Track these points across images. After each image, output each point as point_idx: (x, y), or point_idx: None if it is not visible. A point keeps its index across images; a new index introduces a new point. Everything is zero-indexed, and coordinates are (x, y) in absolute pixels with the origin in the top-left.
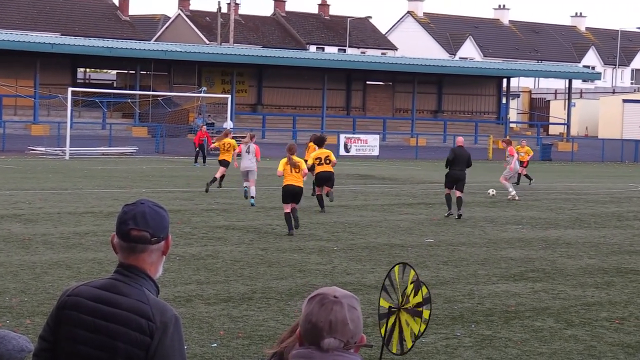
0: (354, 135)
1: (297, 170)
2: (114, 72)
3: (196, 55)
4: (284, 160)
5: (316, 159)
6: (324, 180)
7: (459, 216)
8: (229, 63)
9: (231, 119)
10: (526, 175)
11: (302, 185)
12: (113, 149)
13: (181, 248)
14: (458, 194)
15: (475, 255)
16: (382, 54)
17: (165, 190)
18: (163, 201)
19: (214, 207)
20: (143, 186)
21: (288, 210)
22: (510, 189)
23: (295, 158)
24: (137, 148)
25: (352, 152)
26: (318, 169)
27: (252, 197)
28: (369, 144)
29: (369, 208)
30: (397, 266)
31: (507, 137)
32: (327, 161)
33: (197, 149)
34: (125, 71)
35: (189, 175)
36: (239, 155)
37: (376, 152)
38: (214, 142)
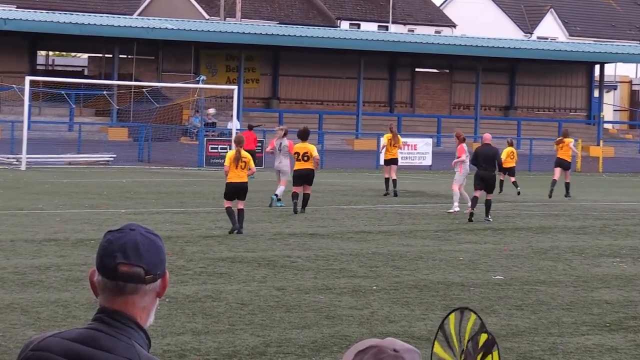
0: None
1: (243, 166)
2: (85, 56)
3: (192, 34)
4: (231, 153)
5: (295, 154)
6: (301, 178)
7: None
8: (235, 44)
9: (238, 118)
10: (513, 183)
11: (246, 181)
12: (83, 156)
13: (172, 287)
14: (488, 196)
15: (559, 297)
16: (436, 32)
17: (152, 211)
18: (149, 225)
19: (215, 232)
20: (122, 205)
21: (229, 205)
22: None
23: (244, 152)
24: (114, 155)
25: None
26: (296, 165)
27: (276, 196)
28: (419, 150)
29: (418, 235)
30: (453, 313)
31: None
32: (306, 157)
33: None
34: (100, 55)
35: (183, 190)
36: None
37: (428, 161)
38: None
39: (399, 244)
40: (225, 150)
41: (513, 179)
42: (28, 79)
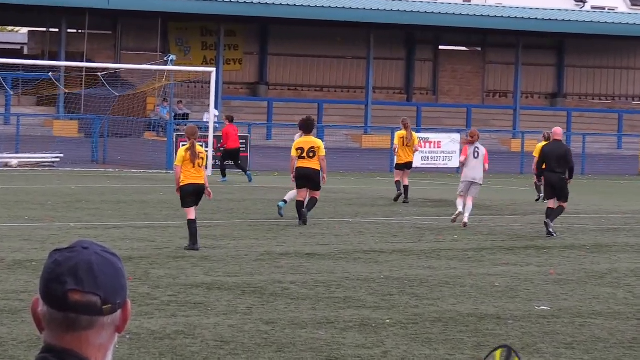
0: (420, 135)
1: (201, 164)
2: (25, 30)
3: (159, 3)
4: (184, 150)
5: (297, 149)
6: (304, 179)
7: (548, 233)
8: (212, 16)
9: (216, 108)
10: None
11: (204, 182)
12: (22, 156)
13: (135, 320)
14: (559, 203)
15: (619, 332)
16: (465, 0)
17: (108, 225)
18: (105, 242)
19: (188, 252)
20: (72, 218)
21: (192, 217)
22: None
23: (199, 147)
24: (61, 155)
25: (416, 162)
26: (298, 163)
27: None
28: (444, 148)
29: (443, 255)
30: (498, 351)
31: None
32: (312, 154)
33: (223, 153)
34: (43, 29)
35: (147, 199)
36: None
37: (455, 163)
38: None
39: (419, 267)
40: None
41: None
42: None
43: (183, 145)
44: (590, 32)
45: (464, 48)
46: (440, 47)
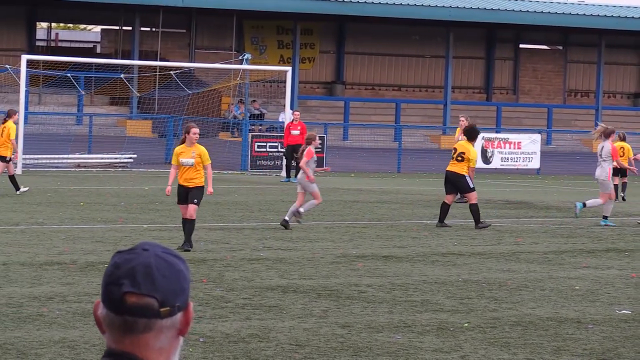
0: (498, 136)
1: (200, 161)
2: (98, 28)
3: (234, 1)
4: (180, 149)
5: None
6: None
7: None
8: (288, 13)
9: (292, 107)
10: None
11: (201, 185)
12: (95, 156)
13: (209, 324)
14: None
15: None
16: None
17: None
18: (178, 245)
19: (263, 254)
20: (145, 219)
21: (186, 217)
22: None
23: (199, 147)
24: (134, 155)
25: (495, 162)
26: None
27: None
28: (524, 149)
29: (522, 258)
30: None
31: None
32: (460, 158)
33: (287, 152)
34: (116, 27)
35: (221, 200)
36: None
37: (536, 164)
38: None
39: (498, 270)
40: (276, 149)
41: (624, 179)
42: (24, 57)
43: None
44: None
45: (545, 47)
46: (521, 46)
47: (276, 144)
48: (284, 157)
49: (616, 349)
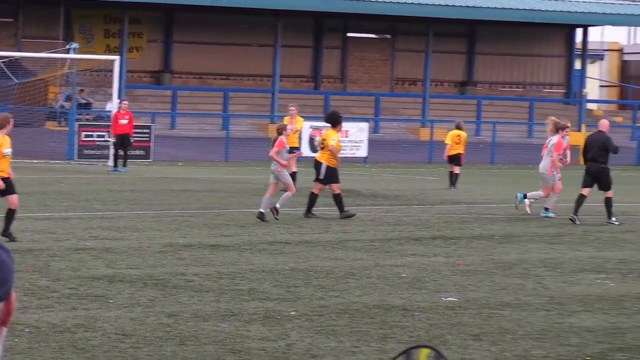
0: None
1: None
2: None
3: None
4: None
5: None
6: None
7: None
8: (116, 2)
9: (119, 96)
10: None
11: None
12: None
13: (35, 314)
14: (605, 194)
15: (527, 324)
16: None
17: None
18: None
19: (89, 244)
20: None
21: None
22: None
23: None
24: None
25: None
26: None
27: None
28: (352, 137)
29: (349, 246)
30: (424, 350)
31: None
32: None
33: (115, 141)
34: None
35: (47, 190)
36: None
37: (363, 152)
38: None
39: (325, 258)
40: (103, 139)
41: (457, 169)
42: None
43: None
44: (501, 19)
45: (373, 35)
46: (349, 35)
47: (104, 134)
48: (112, 147)
49: (442, 336)
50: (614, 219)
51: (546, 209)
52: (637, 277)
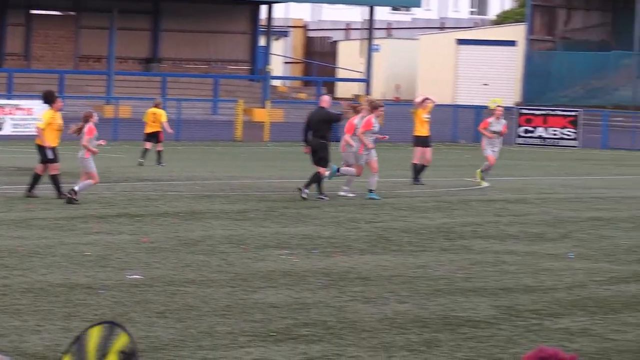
0: (10, 102)
1: None
2: None
3: None
4: None
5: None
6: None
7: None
8: None
9: None
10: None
11: None
12: None
13: None
14: (318, 169)
15: (212, 300)
16: None
17: None
18: None
19: None
20: None
21: None
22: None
23: None
24: None
25: (7, 130)
26: None
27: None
28: (36, 115)
29: (34, 224)
30: (97, 327)
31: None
32: None
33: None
34: None
35: None
36: None
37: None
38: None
39: (9, 237)
40: None
41: (159, 146)
42: None
43: None
44: None
45: (57, 12)
46: (33, 12)
47: None
48: None
49: (127, 314)
50: (324, 195)
51: (370, 191)
52: (321, 253)
